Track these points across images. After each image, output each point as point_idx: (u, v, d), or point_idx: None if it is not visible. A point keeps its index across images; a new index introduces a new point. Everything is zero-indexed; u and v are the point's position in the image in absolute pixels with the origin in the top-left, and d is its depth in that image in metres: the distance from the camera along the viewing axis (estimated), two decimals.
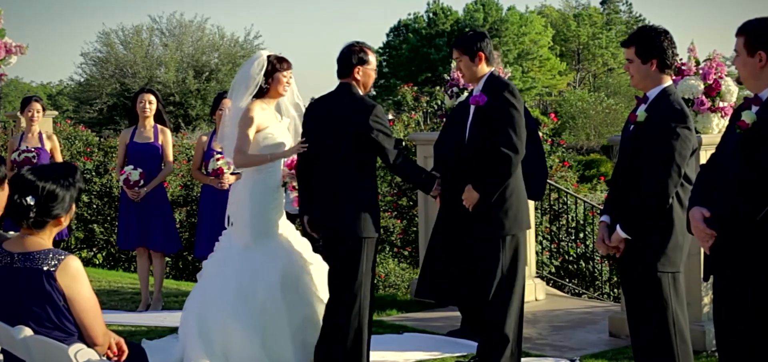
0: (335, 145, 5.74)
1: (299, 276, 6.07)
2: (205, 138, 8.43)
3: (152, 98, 8.55)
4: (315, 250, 6.33)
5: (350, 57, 5.86)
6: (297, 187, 6.20)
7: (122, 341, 4.18)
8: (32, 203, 3.92)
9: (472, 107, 5.90)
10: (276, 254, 6.06)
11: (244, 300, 5.88)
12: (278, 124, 6.21)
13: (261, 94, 6.13)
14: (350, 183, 5.75)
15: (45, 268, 3.89)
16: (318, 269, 6.13)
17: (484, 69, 5.93)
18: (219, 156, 7.87)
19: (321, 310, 6.01)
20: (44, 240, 4.00)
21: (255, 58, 6.21)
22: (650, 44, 4.98)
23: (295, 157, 6.21)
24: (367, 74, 5.90)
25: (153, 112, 8.52)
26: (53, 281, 3.89)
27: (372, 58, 5.91)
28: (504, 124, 5.72)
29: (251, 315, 5.86)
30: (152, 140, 8.48)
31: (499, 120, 5.74)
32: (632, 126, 5.03)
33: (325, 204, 5.78)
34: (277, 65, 6.15)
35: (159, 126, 8.57)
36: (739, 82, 4.47)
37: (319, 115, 5.90)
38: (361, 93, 5.87)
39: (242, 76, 6.21)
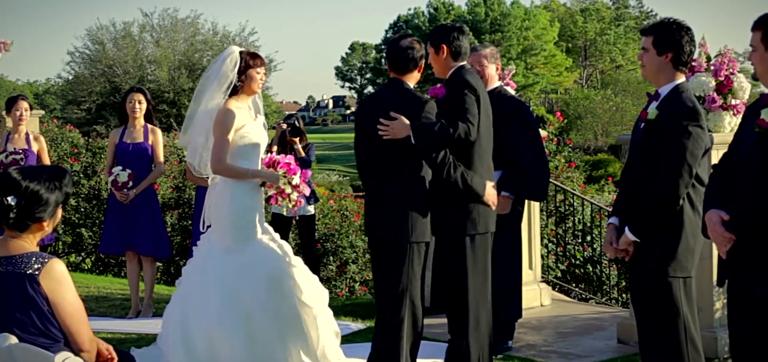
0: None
1: (283, 279, 6.04)
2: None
3: (142, 98, 8.54)
4: (296, 253, 6.36)
5: (417, 51, 5.96)
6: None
7: (111, 347, 4.17)
8: (12, 203, 3.89)
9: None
10: (259, 257, 6.03)
11: (228, 305, 5.85)
12: (254, 123, 6.17)
13: (234, 92, 6.08)
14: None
15: (28, 272, 3.87)
16: (300, 272, 6.11)
17: (450, 63, 6.02)
18: None
19: (306, 314, 6.00)
20: (27, 243, 3.97)
21: (227, 55, 6.13)
22: (669, 37, 4.96)
23: (274, 153, 6.28)
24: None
25: (143, 111, 8.52)
26: (37, 285, 3.86)
27: None
28: (453, 108, 5.82)
29: (237, 320, 5.84)
30: (142, 141, 8.48)
31: (450, 107, 5.85)
32: (643, 124, 5.01)
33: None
34: (250, 61, 6.10)
35: (149, 126, 8.56)
36: (755, 78, 4.45)
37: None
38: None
39: (214, 74, 6.12)
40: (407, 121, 5.67)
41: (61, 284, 3.91)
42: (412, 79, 5.99)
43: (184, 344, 5.85)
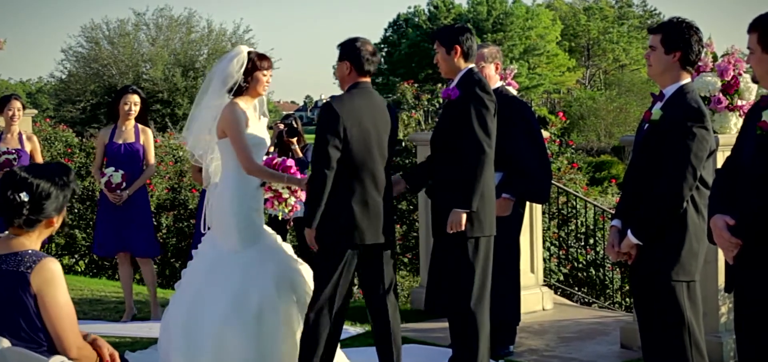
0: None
1: (293, 277, 6.05)
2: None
3: (137, 100, 8.52)
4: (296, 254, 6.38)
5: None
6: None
7: (116, 354, 4.09)
8: (27, 199, 3.91)
9: (445, 101, 6.14)
10: (267, 257, 6.02)
11: (238, 307, 5.83)
12: (258, 124, 6.17)
13: (239, 92, 6.07)
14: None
15: (20, 270, 3.86)
16: (307, 272, 6.12)
17: (461, 63, 6.08)
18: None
19: None
20: (30, 241, 3.97)
21: (234, 54, 6.12)
22: (678, 35, 4.96)
23: (273, 154, 6.29)
24: None
25: (136, 113, 8.51)
26: (27, 285, 3.84)
27: None
28: (469, 119, 5.87)
29: (246, 322, 5.82)
30: (133, 141, 8.46)
31: (465, 116, 5.88)
32: (647, 125, 5.02)
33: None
34: (257, 63, 6.09)
35: (140, 126, 8.55)
36: (754, 80, 4.46)
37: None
38: None
39: (219, 72, 6.12)
40: (460, 210, 5.85)
41: (51, 284, 3.87)
42: None
43: (188, 347, 5.82)
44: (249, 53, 6.10)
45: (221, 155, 6.14)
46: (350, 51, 5.89)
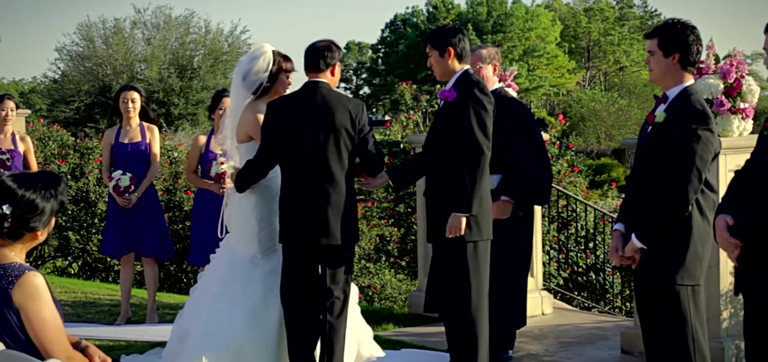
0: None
1: None
2: (202, 138, 8.30)
3: (135, 96, 8.51)
4: None
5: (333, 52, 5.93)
6: None
7: (109, 360, 4.03)
8: (8, 212, 3.82)
9: (442, 103, 6.11)
10: None
11: (257, 316, 5.79)
12: None
13: (262, 93, 6.04)
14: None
15: (2, 284, 3.76)
16: None
17: (455, 65, 6.07)
18: (222, 159, 7.71)
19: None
20: (13, 253, 3.88)
21: (260, 53, 6.07)
22: (674, 37, 4.97)
23: None
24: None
25: (137, 110, 8.49)
26: (9, 301, 3.75)
27: None
28: (468, 121, 5.86)
29: (267, 335, 5.77)
30: (140, 140, 8.45)
31: (464, 117, 5.87)
32: (650, 127, 5.01)
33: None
34: (282, 64, 6.07)
35: (145, 124, 8.53)
36: None
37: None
38: None
39: (245, 72, 6.06)
40: (460, 214, 5.81)
41: (33, 299, 3.77)
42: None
43: (202, 357, 5.78)
44: (274, 53, 6.07)
45: (242, 160, 6.06)
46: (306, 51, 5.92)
